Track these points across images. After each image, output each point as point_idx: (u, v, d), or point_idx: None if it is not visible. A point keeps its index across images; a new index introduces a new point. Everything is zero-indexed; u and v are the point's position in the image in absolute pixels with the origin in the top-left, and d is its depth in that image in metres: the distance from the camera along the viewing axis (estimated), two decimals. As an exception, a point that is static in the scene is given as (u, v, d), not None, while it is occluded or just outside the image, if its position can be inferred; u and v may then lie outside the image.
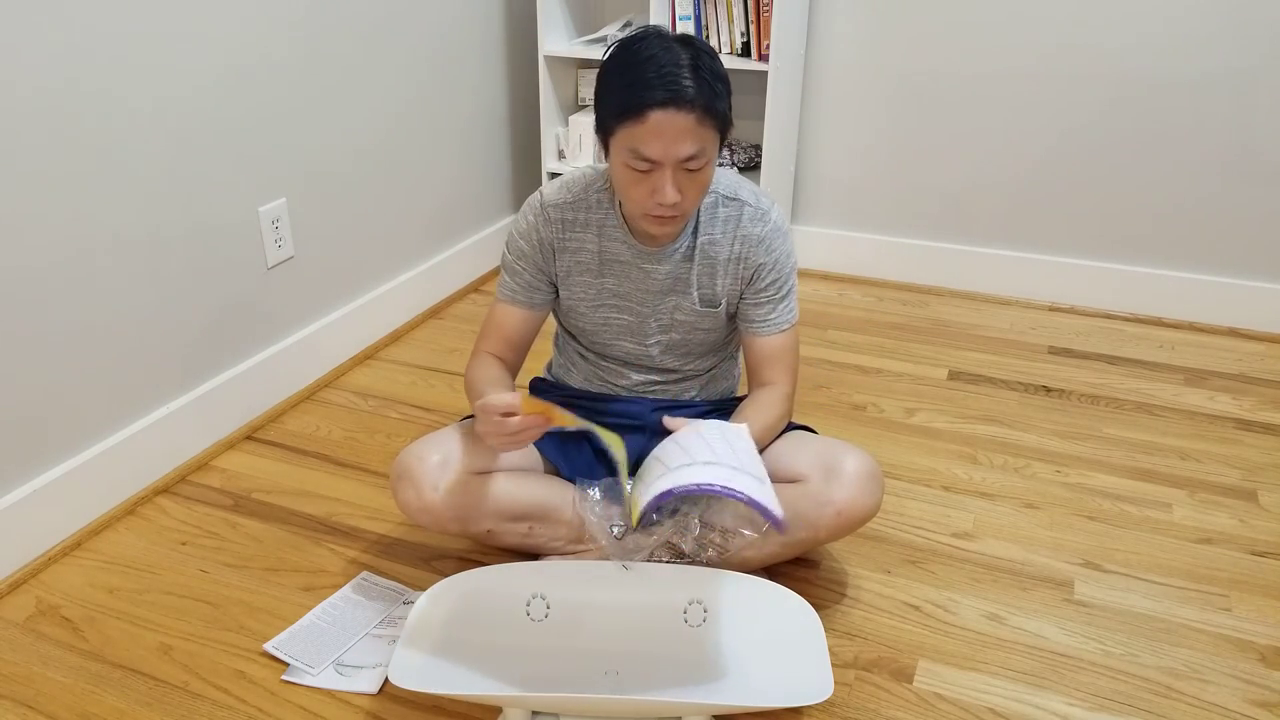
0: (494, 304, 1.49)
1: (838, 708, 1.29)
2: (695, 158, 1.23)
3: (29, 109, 1.41)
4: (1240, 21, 2.17)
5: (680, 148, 1.21)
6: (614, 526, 1.38)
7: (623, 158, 1.25)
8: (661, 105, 1.19)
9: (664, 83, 1.19)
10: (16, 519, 1.51)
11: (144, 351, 1.69)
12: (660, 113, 1.19)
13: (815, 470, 1.36)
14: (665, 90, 1.19)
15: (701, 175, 1.26)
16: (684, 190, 1.25)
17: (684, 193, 1.25)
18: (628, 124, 1.21)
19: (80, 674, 1.33)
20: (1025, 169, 2.47)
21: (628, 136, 1.22)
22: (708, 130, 1.22)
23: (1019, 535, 1.64)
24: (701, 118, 1.21)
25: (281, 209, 1.93)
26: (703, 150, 1.23)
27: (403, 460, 1.37)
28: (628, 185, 1.27)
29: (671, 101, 1.19)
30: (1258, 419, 2.01)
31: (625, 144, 1.23)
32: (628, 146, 1.23)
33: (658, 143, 1.21)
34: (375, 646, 1.37)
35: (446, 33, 2.33)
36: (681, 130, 1.20)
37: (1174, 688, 1.32)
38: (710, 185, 1.31)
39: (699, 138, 1.22)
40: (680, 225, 1.33)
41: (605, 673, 1.27)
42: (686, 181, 1.25)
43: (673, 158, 1.22)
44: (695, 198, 1.28)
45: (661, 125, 1.20)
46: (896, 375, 2.18)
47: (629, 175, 1.26)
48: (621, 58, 1.24)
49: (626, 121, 1.21)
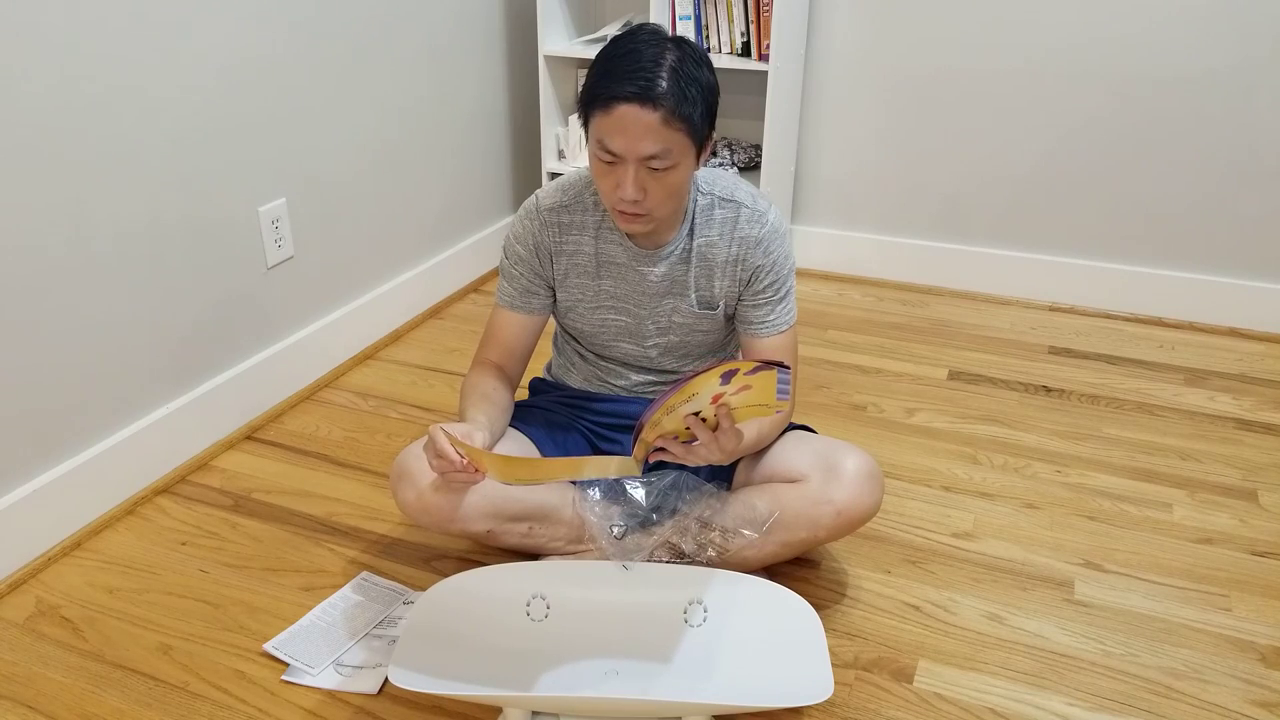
0: (493, 310, 1.49)
1: (838, 708, 1.28)
2: (658, 157, 1.22)
3: (28, 109, 1.41)
4: (1241, 21, 2.17)
5: (642, 145, 1.21)
6: (614, 526, 1.38)
7: (593, 147, 1.26)
8: (628, 99, 1.19)
9: (636, 78, 1.19)
10: (16, 519, 1.51)
11: (144, 352, 1.69)
12: (626, 106, 1.19)
13: (815, 470, 1.36)
14: (635, 85, 1.19)
15: (668, 178, 1.24)
16: (649, 190, 1.25)
17: (649, 193, 1.25)
18: (597, 113, 1.22)
19: (80, 674, 1.33)
20: (1025, 169, 2.47)
21: (596, 126, 1.24)
22: (675, 133, 1.21)
23: (1019, 535, 1.64)
24: (668, 118, 1.20)
25: (281, 209, 1.93)
26: (667, 152, 1.22)
27: (402, 460, 1.37)
28: (598, 176, 1.28)
29: (638, 97, 1.19)
30: (1258, 419, 2.01)
31: (595, 134, 1.25)
32: (596, 137, 1.24)
33: (620, 137, 1.21)
34: (375, 646, 1.37)
35: (447, 32, 2.33)
36: (646, 128, 1.20)
37: (1174, 688, 1.32)
38: (682, 190, 1.29)
39: (663, 138, 1.21)
40: (648, 226, 1.30)
41: (605, 673, 1.27)
42: (651, 182, 1.24)
43: (634, 154, 1.22)
44: (661, 200, 1.26)
45: (626, 120, 1.20)
46: (896, 375, 2.18)
47: (598, 166, 1.27)
48: (609, 49, 1.25)
49: (596, 111, 1.23)
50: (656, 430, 1.19)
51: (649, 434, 1.19)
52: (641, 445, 1.21)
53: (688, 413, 1.17)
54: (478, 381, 1.43)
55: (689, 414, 1.18)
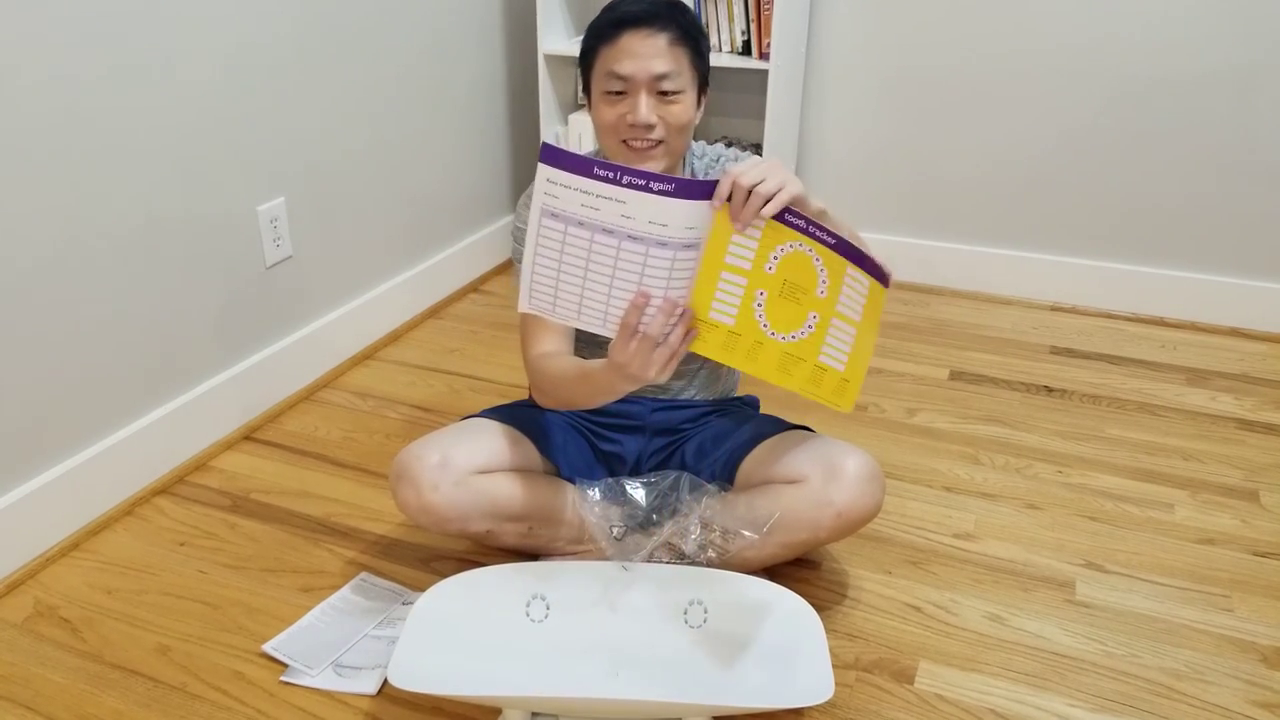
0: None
1: (838, 709, 1.28)
2: (668, 78, 1.27)
3: (27, 109, 1.41)
4: (1242, 19, 2.17)
5: (653, 64, 1.26)
6: (614, 527, 1.38)
7: (601, 86, 1.30)
8: (634, 24, 1.26)
9: (636, 4, 1.27)
10: (14, 520, 1.50)
11: (142, 352, 1.69)
12: (632, 32, 1.26)
13: (816, 471, 1.35)
14: (639, 7, 1.27)
15: (677, 106, 1.30)
16: (661, 118, 1.29)
17: (662, 120, 1.29)
18: (603, 48, 1.28)
19: (79, 675, 1.33)
20: (1026, 168, 2.47)
21: (603, 61, 1.29)
22: (681, 53, 1.28)
23: (1020, 536, 1.63)
24: (674, 40, 1.27)
25: (280, 208, 1.92)
26: (677, 74, 1.28)
27: (402, 460, 1.37)
28: (606, 115, 1.31)
29: (644, 21, 1.26)
30: (1260, 419, 2.00)
31: (602, 69, 1.29)
32: (604, 71, 1.29)
33: (630, 59, 1.27)
34: (374, 647, 1.37)
35: (446, 31, 2.33)
36: (655, 48, 1.26)
37: (1175, 688, 1.32)
38: (688, 128, 1.33)
39: (673, 57, 1.27)
40: (661, 161, 1.32)
41: (605, 673, 1.27)
42: (663, 109, 1.29)
43: (646, 74, 1.27)
44: (674, 131, 1.31)
45: (633, 44, 1.26)
46: (898, 375, 2.17)
47: (606, 103, 1.31)
48: (608, 4, 1.32)
49: (602, 44, 1.29)
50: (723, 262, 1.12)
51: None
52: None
53: (759, 262, 1.13)
54: (558, 360, 1.34)
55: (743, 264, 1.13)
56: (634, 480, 1.43)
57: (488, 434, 1.41)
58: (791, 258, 1.13)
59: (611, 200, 1.05)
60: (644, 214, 1.06)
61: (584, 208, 1.06)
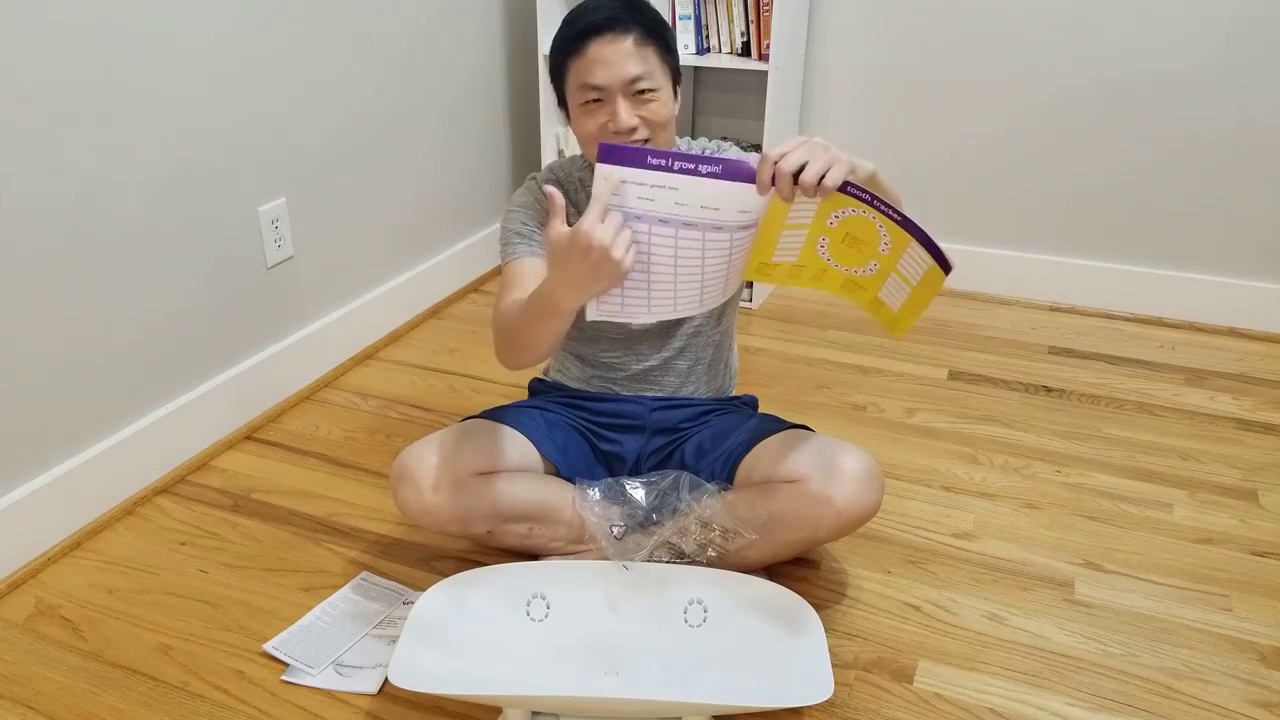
0: (508, 265, 1.39)
1: (838, 708, 1.28)
2: (642, 78, 1.27)
3: (27, 109, 1.41)
4: (1242, 18, 2.17)
5: (625, 67, 1.26)
6: (614, 526, 1.38)
7: (576, 99, 1.30)
8: (597, 32, 1.26)
9: (595, 13, 1.27)
10: (16, 519, 1.51)
11: (144, 351, 1.69)
12: (597, 40, 1.26)
13: (814, 470, 1.35)
14: (598, 17, 1.26)
15: (655, 103, 1.29)
16: (643, 118, 1.29)
17: (643, 120, 1.29)
18: (572, 61, 1.28)
19: (80, 674, 1.33)
20: (1025, 168, 2.47)
21: (575, 74, 1.28)
22: (649, 51, 1.28)
23: (1019, 535, 1.63)
24: (640, 40, 1.27)
25: (281, 209, 1.93)
26: (649, 73, 1.28)
27: (402, 460, 1.37)
28: (587, 126, 1.31)
29: (606, 26, 1.26)
30: (1258, 419, 2.01)
31: (575, 83, 1.29)
32: (577, 84, 1.29)
33: (601, 68, 1.26)
34: (375, 646, 1.37)
35: (446, 33, 2.33)
36: (623, 53, 1.26)
37: (1174, 688, 1.32)
38: (670, 125, 1.33)
39: (641, 57, 1.27)
40: None
41: (605, 673, 1.27)
42: (642, 109, 1.29)
43: (619, 80, 1.26)
44: (656, 128, 1.31)
45: (601, 52, 1.26)
46: (897, 375, 2.18)
47: (584, 114, 1.30)
48: (566, 15, 1.31)
49: (570, 58, 1.28)
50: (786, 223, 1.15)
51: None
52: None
53: (815, 229, 1.15)
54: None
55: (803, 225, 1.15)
56: (634, 480, 1.43)
57: (488, 435, 1.41)
58: (853, 219, 1.14)
59: (664, 189, 1.06)
60: (696, 199, 1.07)
61: (640, 199, 1.07)
